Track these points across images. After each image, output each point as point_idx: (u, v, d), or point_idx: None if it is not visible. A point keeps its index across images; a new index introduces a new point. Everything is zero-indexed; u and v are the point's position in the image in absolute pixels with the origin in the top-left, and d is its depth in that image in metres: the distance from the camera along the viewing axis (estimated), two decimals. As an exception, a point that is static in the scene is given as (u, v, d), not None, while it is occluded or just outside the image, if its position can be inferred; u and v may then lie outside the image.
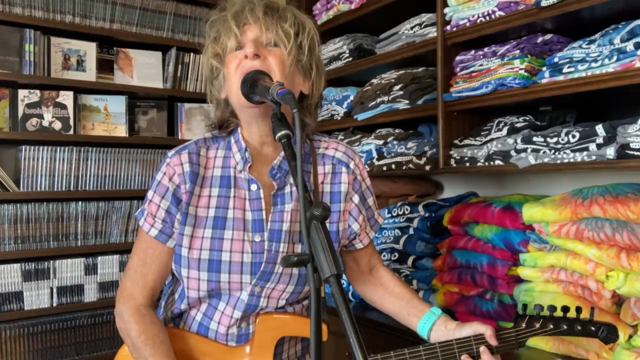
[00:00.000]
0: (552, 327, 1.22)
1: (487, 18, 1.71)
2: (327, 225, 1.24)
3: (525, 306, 1.27)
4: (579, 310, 1.22)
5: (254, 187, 1.20)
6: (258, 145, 1.22)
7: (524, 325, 1.22)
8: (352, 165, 1.29)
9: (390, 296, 1.34)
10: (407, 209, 2.09)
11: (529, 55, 1.63)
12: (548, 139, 1.56)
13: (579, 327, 1.22)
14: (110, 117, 2.49)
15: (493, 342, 1.16)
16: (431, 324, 1.24)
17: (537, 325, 1.22)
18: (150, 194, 1.21)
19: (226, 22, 1.16)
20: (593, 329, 1.21)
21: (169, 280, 1.35)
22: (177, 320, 1.28)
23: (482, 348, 1.16)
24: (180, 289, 1.25)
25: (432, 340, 1.23)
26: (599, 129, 1.44)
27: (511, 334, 1.21)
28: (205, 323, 1.23)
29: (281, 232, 1.19)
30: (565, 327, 1.22)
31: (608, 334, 1.21)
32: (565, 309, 1.22)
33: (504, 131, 1.73)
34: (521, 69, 1.61)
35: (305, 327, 1.23)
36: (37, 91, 2.29)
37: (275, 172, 1.20)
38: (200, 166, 1.21)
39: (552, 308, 1.23)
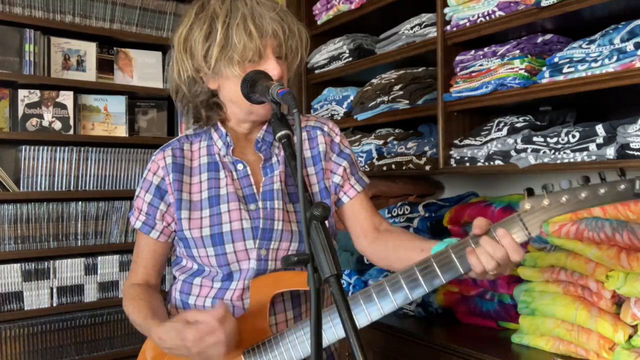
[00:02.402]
0: (565, 199, 0.95)
1: (487, 18, 1.71)
2: (316, 185, 1.29)
3: (530, 190, 1.00)
4: (602, 174, 0.97)
5: (240, 166, 1.26)
6: (245, 130, 1.28)
7: (527, 206, 0.96)
8: (326, 129, 1.34)
9: (402, 241, 1.25)
10: (407, 209, 2.09)
11: (529, 55, 1.63)
12: (548, 139, 1.56)
13: (604, 190, 0.93)
14: (110, 117, 2.49)
15: (476, 231, 1.02)
16: (444, 246, 1.07)
17: (546, 203, 0.95)
18: (137, 190, 1.30)
19: (246, 28, 1.13)
20: (623, 186, 0.92)
21: (175, 262, 1.37)
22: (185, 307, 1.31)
23: (482, 239, 1.01)
24: (195, 270, 1.28)
25: None
26: (599, 129, 1.44)
27: (515, 219, 1.01)
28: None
29: (273, 191, 1.24)
30: (584, 195, 0.94)
31: None
32: (587, 179, 0.96)
33: (504, 131, 1.73)
34: (521, 69, 1.61)
35: (297, 278, 1.21)
36: (37, 91, 2.29)
37: (261, 145, 1.26)
38: (185, 158, 1.28)
39: (568, 183, 0.97)
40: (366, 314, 1.08)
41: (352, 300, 1.10)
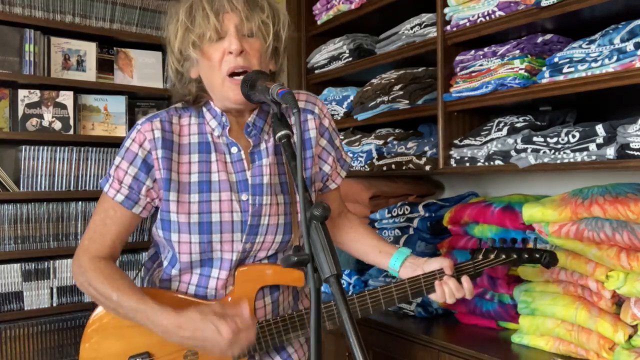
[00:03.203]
0: (504, 257, 1.38)
1: (487, 18, 1.71)
2: (303, 172, 1.26)
3: (480, 241, 1.45)
4: (525, 241, 1.43)
5: (234, 149, 1.24)
6: (233, 111, 1.25)
7: (480, 257, 1.38)
8: (316, 111, 1.33)
9: (361, 237, 1.44)
10: (407, 209, 2.08)
11: (529, 55, 1.63)
12: (548, 139, 1.56)
13: (526, 255, 1.38)
14: (110, 117, 2.48)
15: (448, 272, 1.30)
16: (402, 260, 1.35)
17: (492, 257, 1.38)
18: (117, 160, 1.21)
19: (203, 10, 1.15)
20: (537, 255, 1.38)
21: (152, 253, 1.37)
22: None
23: (448, 277, 1.30)
24: (171, 256, 1.27)
25: (401, 275, 1.35)
26: (599, 129, 1.44)
27: (469, 266, 1.36)
28: (200, 292, 1.25)
29: (262, 185, 1.23)
30: (515, 256, 1.38)
31: (550, 259, 1.37)
32: (514, 240, 1.41)
33: (504, 131, 1.73)
34: (521, 69, 1.61)
35: (284, 274, 1.27)
36: (37, 91, 2.29)
37: (250, 130, 1.24)
38: (174, 134, 1.22)
39: (503, 241, 1.41)
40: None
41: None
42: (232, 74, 1.15)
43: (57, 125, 2.33)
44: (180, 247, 1.21)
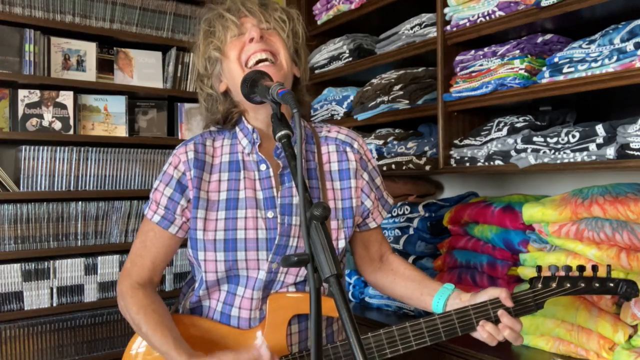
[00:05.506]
0: (569, 286, 1.19)
1: (487, 18, 1.71)
2: (341, 202, 1.28)
3: (539, 267, 1.24)
4: (595, 268, 1.20)
5: (263, 167, 1.24)
6: (264, 126, 1.27)
7: (540, 285, 1.20)
8: (356, 146, 1.34)
9: (401, 279, 1.36)
10: (407, 209, 2.09)
11: (529, 55, 1.63)
12: (548, 139, 1.56)
13: (597, 285, 1.18)
14: (110, 117, 2.48)
15: (508, 303, 1.16)
16: (446, 297, 1.25)
17: (554, 285, 1.19)
18: (156, 183, 1.26)
19: (222, 17, 1.23)
20: (612, 285, 1.18)
21: (189, 278, 1.39)
22: (197, 311, 1.30)
23: (501, 311, 1.16)
24: (200, 277, 1.27)
25: None
26: (599, 129, 1.44)
27: (528, 296, 1.20)
28: (227, 311, 1.25)
29: (292, 205, 1.23)
30: (583, 285, 1.18)
31: (628, 289, 1.17)
32: (581, 268, 1.20)
33: (504, 131, 1.73)
34: (521, 69, 1.61)
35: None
36: (37, 91, 2.29)
37: (280, 152, 1.24)
38: (207, 154, 1.26)
39: (568, 268, 1.20)
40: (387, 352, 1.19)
41: (374, 338, 1.18)
42: (257, 63, 1.19)
43: (57, 125, 2.33)
44: (206, 265, 1.22)
